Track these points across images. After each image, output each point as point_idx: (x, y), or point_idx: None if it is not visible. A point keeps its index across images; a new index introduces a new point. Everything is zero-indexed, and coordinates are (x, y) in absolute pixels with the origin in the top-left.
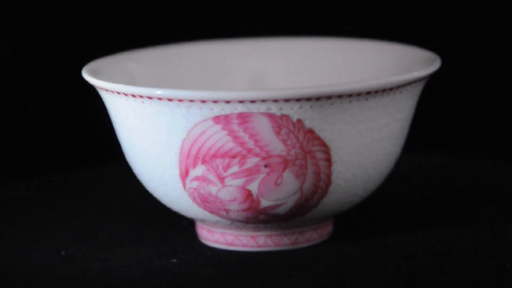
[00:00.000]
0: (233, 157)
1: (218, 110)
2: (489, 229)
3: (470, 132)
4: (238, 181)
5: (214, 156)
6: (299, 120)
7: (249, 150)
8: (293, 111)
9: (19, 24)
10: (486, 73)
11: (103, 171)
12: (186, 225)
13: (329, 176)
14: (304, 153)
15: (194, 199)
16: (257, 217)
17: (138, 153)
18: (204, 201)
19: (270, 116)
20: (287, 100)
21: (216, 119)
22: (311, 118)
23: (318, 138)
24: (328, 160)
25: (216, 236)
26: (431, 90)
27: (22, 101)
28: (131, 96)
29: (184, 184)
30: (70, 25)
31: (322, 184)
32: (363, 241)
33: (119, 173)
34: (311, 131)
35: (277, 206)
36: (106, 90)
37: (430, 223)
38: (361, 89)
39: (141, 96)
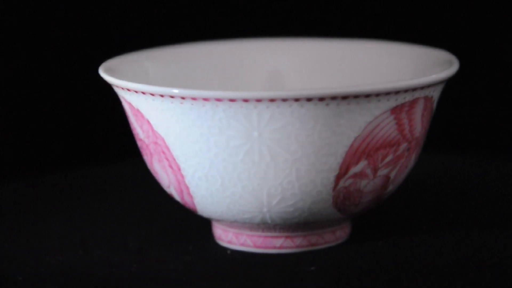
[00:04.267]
0: (392, 145)
1: (401, 99)
2: (508, 232)
3: (484, 132)
4: (387, 170)
5: (378, 148)
6: (433, 101)
7: (404, 136)
8: (436, 93)
9: (32, 23)
10: (498, 74)
11: (113, 169)
12: None
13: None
14: (424, 133)
15: (336, 198)
16: (370, 207)
17: (246, 166)
18: (345, 198)
19: (426, 99)
20: (442, 82)
21: (394, 109)
22: (436, 98)
23: (430, 117)
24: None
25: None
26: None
27: (28, 100)
28: (293, 103)
29: (336, 185)
30: (81, 25)
31: (412, 164)
32: (380, 243)
33: (131, 172)
34: (431, 111)
35: (390, 191)
36: (245, 100)
37: (445, 224)
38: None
39: (322, 99)
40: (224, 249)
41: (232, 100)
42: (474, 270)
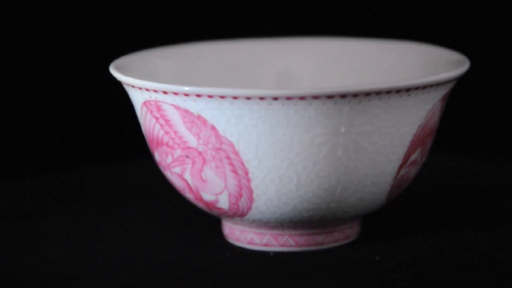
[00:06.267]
0: (434, 132)
1: (449, 87)
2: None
3: (484, 132)
4: (426, 157)
5: (429, 135)
6: None
7: (439, 123)
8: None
9: (33, 23)
10: (498, 73)
11: (113, 170)
12: None
13: None
14: None
15: (392, 187)
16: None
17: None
18: (397, 187)
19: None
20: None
21: (443, 97)
22: None
23: None
24: None
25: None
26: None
27: (28, 100)
28: (384, 95)
29: (396, 175)
30: (83, 24)
31: None
32: (389, 242)
33: (140, 171)
34: None
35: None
36: (342, 95)
37: (445, 224)
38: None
39: (407, 90)
40: (263, 252)
41: (329, 96)
42: (475, 270)
